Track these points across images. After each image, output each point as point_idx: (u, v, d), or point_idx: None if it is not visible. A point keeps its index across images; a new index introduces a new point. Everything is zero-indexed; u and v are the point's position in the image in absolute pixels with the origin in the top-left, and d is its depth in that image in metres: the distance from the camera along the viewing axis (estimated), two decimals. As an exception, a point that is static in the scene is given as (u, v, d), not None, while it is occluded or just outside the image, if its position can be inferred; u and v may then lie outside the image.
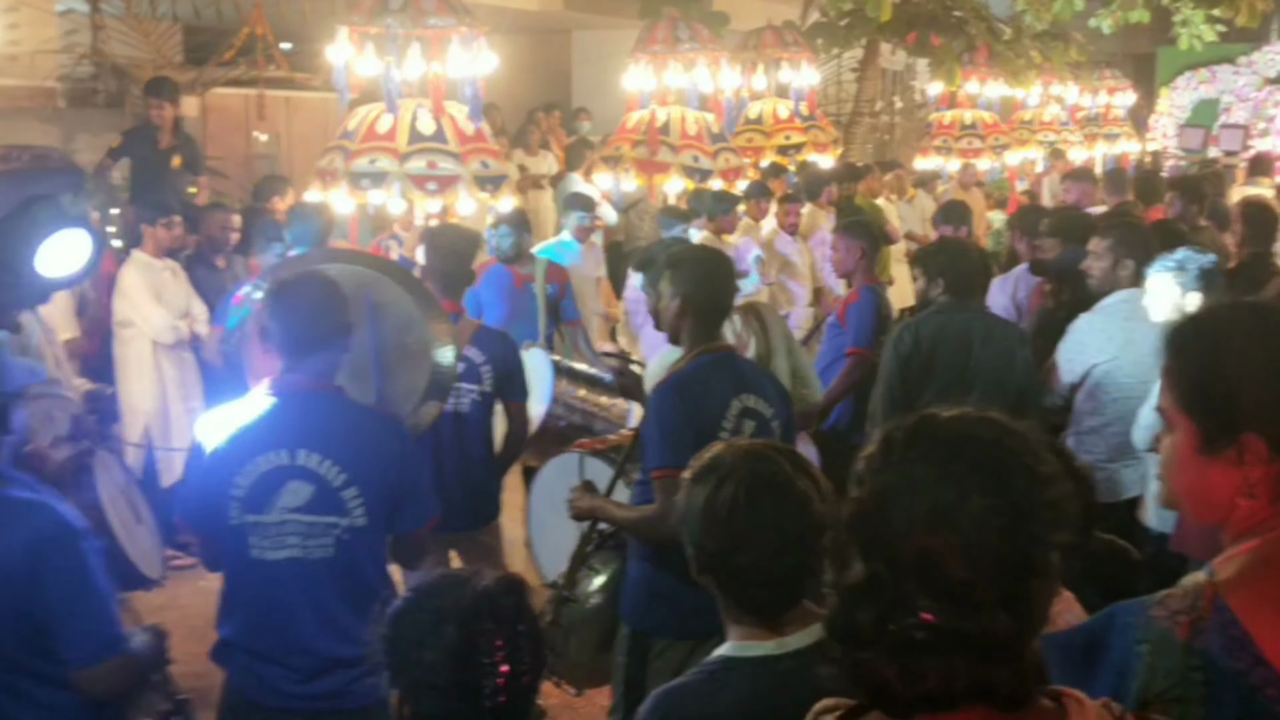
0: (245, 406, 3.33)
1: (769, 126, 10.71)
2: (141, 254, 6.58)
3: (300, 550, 3.14)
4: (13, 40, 8.80)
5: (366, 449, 3.19)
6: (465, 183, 6.22)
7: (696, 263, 3.76)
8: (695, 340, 3.66)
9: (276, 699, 3.22)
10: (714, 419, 3.54)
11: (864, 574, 1.36)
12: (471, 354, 4.57)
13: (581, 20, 14.38)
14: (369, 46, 6.09)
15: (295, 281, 3.31)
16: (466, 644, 1.91)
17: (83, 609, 2.73)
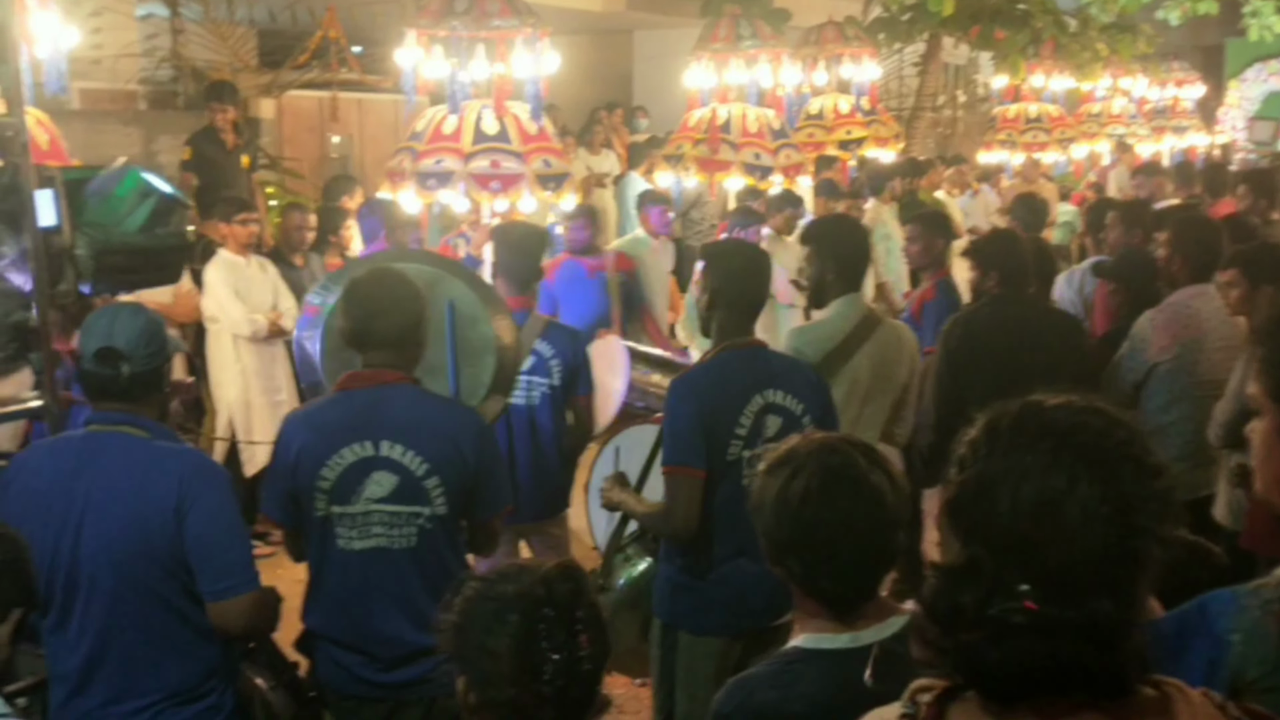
0: (330, 400, 3.40)
1: (830, 122, 10.71)
2: (225, 251, 6.81)
3: (385, 540, 3.22)
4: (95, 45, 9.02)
5: (446, 439, 3.25)
6: (528, 181, 6.33)
7: (729, 257, 3.77)
8: (723, 335, 3.67)
9: (360, 687, 3.30)
10: (728, 416, 3.53)
11: (965, 558, 1.36)
12: (542, 349, 4.68)
13: (643, 20, 14.45)
14: (436, 49, 6.23)
15: (368, 278, 3.38)
16: (527, 631, 1.96)
17: (221, 545, 2.95)
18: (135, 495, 2.91)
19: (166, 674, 2.99)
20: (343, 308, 3.35)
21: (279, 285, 6.94)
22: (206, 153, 8.32)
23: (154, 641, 2.97)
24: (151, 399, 3.00)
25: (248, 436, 6.76)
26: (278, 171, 9.84)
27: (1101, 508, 1.32)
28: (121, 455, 2.94)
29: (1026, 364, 4.62)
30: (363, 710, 3.33)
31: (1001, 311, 4.84)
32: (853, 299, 4.44)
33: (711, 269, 3.70)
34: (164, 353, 3.02)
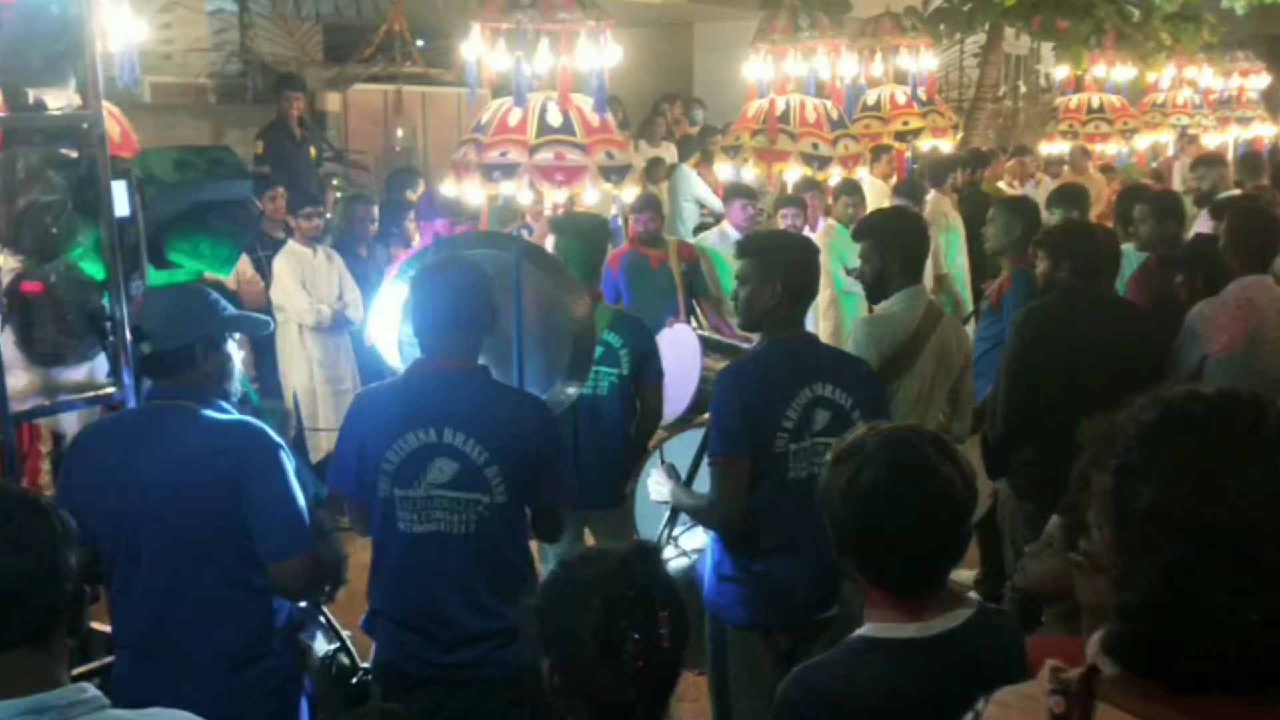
0: (399, 384, 3.43)
1: (886, 112, 10.60)
2: (293, 242, 6.88)
3: (445, 524, 3.23)
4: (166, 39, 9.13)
5: (507, 428, 3.25)
6: (591, 173, 6.31)
7: (780, 250, 3.69)
8: (775, 328, 3.61)
9: (419, 667, 3.31)
10: (776, 408, 3.47)
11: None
12: (611, 338, 4.68)
13: (703, 12, 14.40)
14: (500, 41, 6.22)
15: (440, 265, 3.39)
16: (608, 612, 1.95)
17: (277, 509, 3.03)
18: (192, 466, 2.98)
19: (225, 637, 3.06)
20: (412, 294, 3.36)
21: (344, 276, 6.99)
22: (278, 145, 8.39)
23: (212, 606, 3.04)
24: (192, 376, 3.03)
25: (312, 424, 6.83)
26: (343, 164, 9.90)
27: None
28: (177, 428, 3.01)
29: (1101, 358, 4.52)
30: (420, 689, 3.34)
31: (1075, 303, 4.72)
32: (916, 291, 4.37)
33: (761, 262, 3.63)
34: (192, 333, 3.02)
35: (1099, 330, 4.64)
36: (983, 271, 8.21)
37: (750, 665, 3.57)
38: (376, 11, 10.58)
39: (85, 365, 3.35)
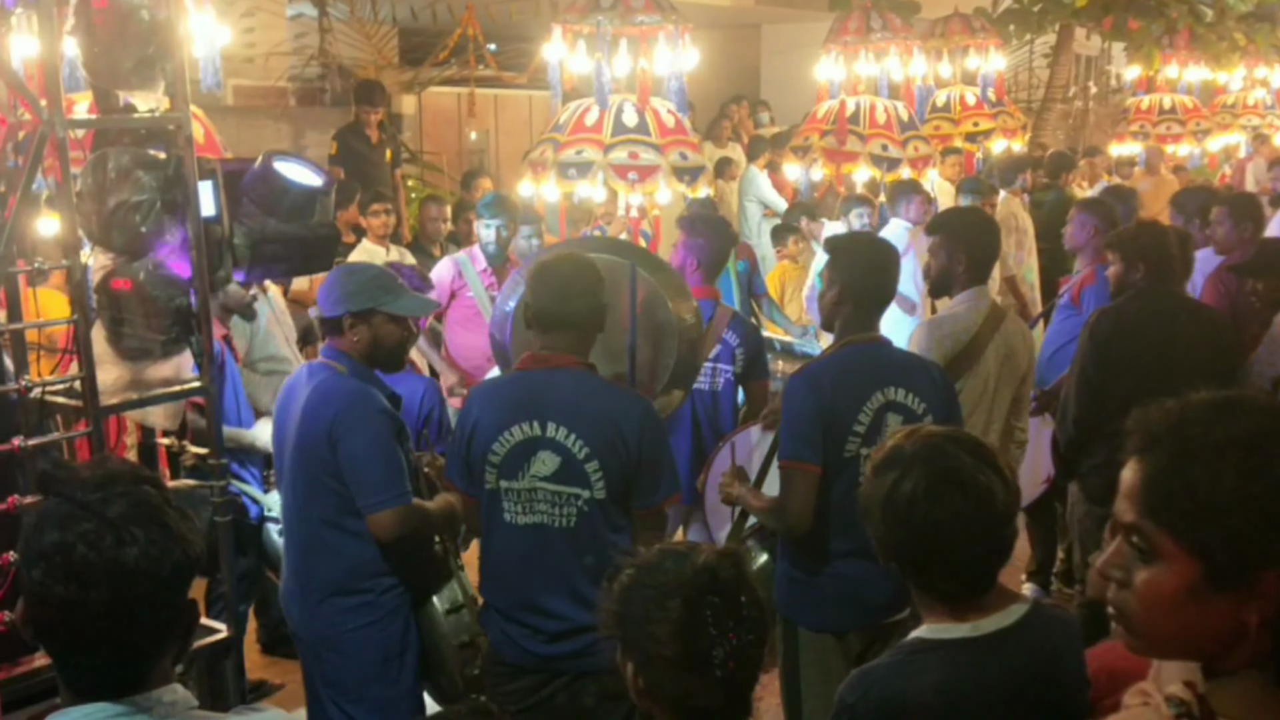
0: (508, 378, 3.51)
1: (956, 114, 10.46)
2: (366, 241, 6.91)
3: (547, 517, 3.26)
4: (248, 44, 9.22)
5: (609, 425, 3.24)
6: (664, 173, 6.28)
7: (856, 251, 3.64)
8: (846, 330, 3.56)
9: (524, 658, 3.35)
10: (847, 412, 3.42)
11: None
12: (729, 338, 4.75)
13: (771, 14, 14.30)
14: (580, 44, 6.23)
15: (553, 262, 3.40)
16: (693, 617, 1.92)
17: (373, 464, 3.41)
18: (307, 417, 3.47)
19: (324, 568, 3.52)
20: (527, 289, 3.40)
21: (416, 273, 7.00)
22: (352, 147, 8.45)
23: (314, 539, 3.52)
24: (340, 342, 3.55)
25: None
26: (418, 165, 9.96)
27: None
28: (311, 383, 3.51)
29: (1173, 361, 4.43)
30: (521, 678, 3.39)
31: (1150, 305, 4.63)
32: (981, 291, 4.32)
33: (838, 263, 3.58)
34: (342, 306, 3.51)
35: (1172, 333, 4.55)
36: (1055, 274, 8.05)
37: (822, 668, 3.52)
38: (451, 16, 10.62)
39: (172, 360, 3.35)
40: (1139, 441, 1.42)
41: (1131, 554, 1.42)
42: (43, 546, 1.54)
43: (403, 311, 3.64)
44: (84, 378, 3.13)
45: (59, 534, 1.53)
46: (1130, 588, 1.42)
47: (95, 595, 1.52)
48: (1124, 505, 1.43)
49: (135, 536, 1.53)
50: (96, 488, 1.56)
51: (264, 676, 5.05)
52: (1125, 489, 1.42)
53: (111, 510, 1.54)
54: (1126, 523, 1.42)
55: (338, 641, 3.56)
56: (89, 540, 1.52)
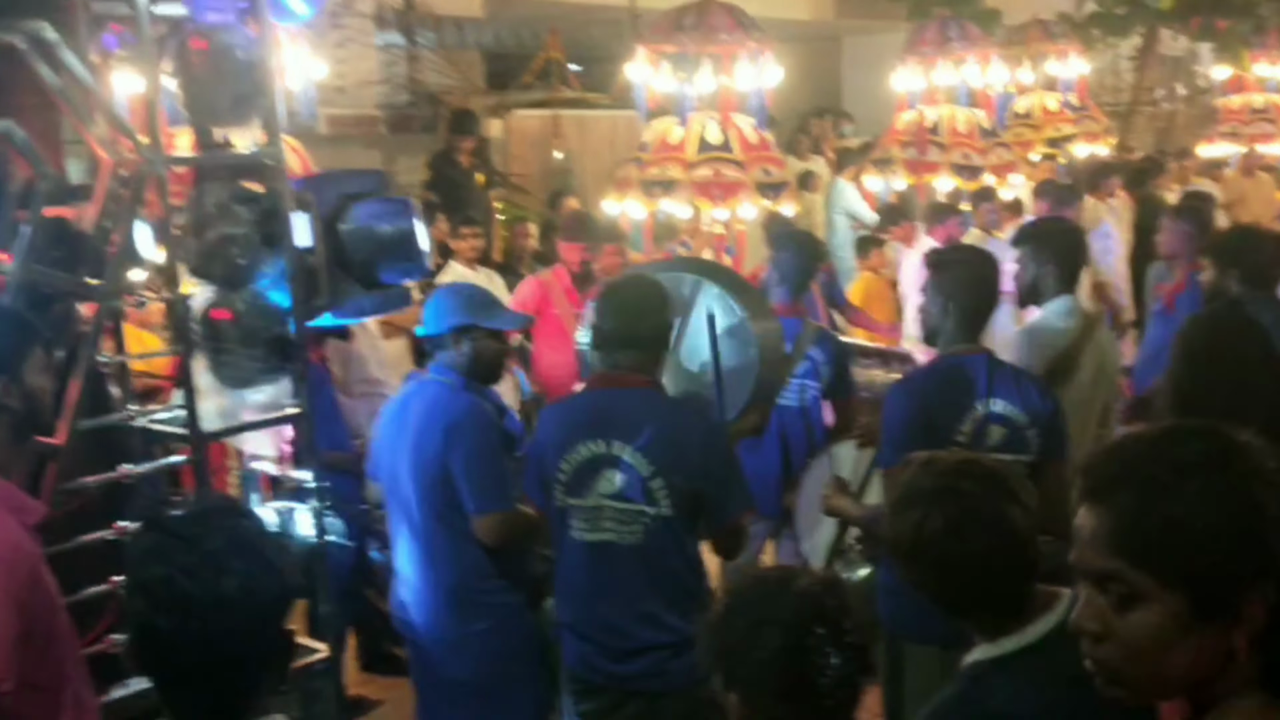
0: (578, 397, 3.57)
1: (1038, 120, 10.27)
2: (455, 263, 6.97)
3: (614, 535, 3.26)
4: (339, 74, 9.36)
5: (674, 443, 3.24)
6: (748, 190, 6.26)
7: (960, 265, 3.60)
8: (949, 341, 3.52)
9: (595, 675, 3.35)
10: (948, 422, 3.37)
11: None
12: (814, 354, 4.69)
13: (851, 26, 14.19)
14: (664, 64, 6.24)
15: (620, 284, 3.46)
16: (796, 647, 1.90)
17: (478, 472, 3.54)
18: (424, 430, 3.61)
19: (446, 574, 3.65)
20: (597, 311, 3.44)
21: (504, 296, 7.02)
22: (444, 173, 8.55)
23: (435, 547, 3.65)
24: (445, 358, 3.70)
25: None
26: (505, 187, 10.04)
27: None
28: (424, 396, 3.70)
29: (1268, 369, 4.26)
30: (594, 696, 3.38)
31: (1242, 313, 4.45)
32: (1072, 300, 4.23)
33: (942, 276, 3.55)
34: (447, 323, 3.67)
35: (1266, 341, 4.38)
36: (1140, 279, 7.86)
37: (927, 681, 3.44)
38: (535, 40, 10.71)
39: (270, 387, 3.41)
40: (1092, 486, 1.38)
41: (1106, 604, 1.37)
42: (145, 579, 1.56)
43: (499, 326, 3.79)
44: (187, 406, 3.20)
45: (160, 567, 1.55)
46: (1111, 639, 1.37)
47: (195, 626, 1.54)
48: (1091, 554, 1.38)
49: (233, 568, 1.55)
50: (195, 521, 1.58)
51: (363, 693, 5.10)
52: (1088, 537, 1.37)
53: (210, 543, 1.56)
54: (1099, 571, 1.37)
55: (461, 644, 3.67)
56: (189, 572, 1.55)
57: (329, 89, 8.01)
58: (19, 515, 2.46)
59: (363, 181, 3.58)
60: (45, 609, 2.45)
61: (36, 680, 2.41)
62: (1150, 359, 5.38)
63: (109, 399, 3.30)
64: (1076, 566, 1.40)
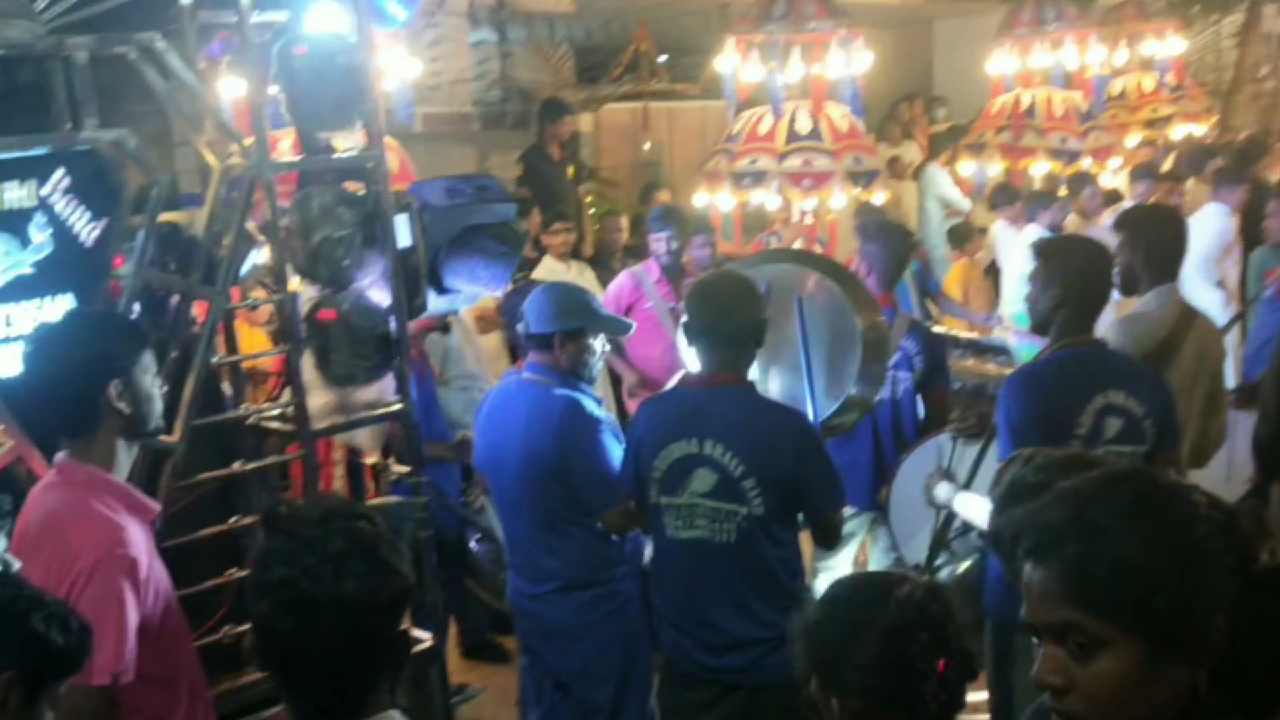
0: (670, 395, 3.57)
1: (1134, 101, 10.01)
2: (548, 258, 7.01)
3: (707, 533, 3.27)
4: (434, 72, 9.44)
5: (764, 442, 3.24)
6: (839, 178, 6.21)
7: (1075, 254, 3.53)
8: (1062, 332, 3.44)
9: (694, 669, 3.37)
10: (1067, 415, 3.31)
11: None
12: (908, 345, 4.66)
13: (944, 9, 13.95)
14: (753, 54, 6.20)
15: (710, 281, 3.45)
16: (898, 654, 1.88)
17: (596, 470, 3.61)
18: (532, 427, 3.66)
19: (563, 564, 3.71)
20: (688, 308, 3.43)
21: (595, 289, 7.04)
22: (537, 168, 8.59)
23: (548, 538, 3.71)
24: (547, 358, 3.72)
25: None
26: (596, 181, 10.06)
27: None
28: (527, 396, 3.73)
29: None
30: (697, 690, 3.40)
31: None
32: (1170, 289, 4.12)
33: (1055, 266, 3.47)
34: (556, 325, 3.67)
35: None
36: (1249, 263, 7.60)
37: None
38: (624, 33, 10.70)
39: (375, 385, 3.48)
40: (1035, 542, 1.39)
41: (1067, 656, 1.38)
42: (269, 581, 1.61)
43: (609, 332, 3.85)
44: (296, 404, 3.28)
45: (283, 569, 1.60)
46: (1075, 690, 1.37)
47: (317, 626, 1.58)
48: (1045, 609, 1.38)
49: (353, 570, 1.59)
50: (317, 524, 1.62)
51: (465, 680, 5.18)
52: (1039, 592, 1.38)
53: (331, 546, 1.60)
54: (1057, 623, 1.37)
55: (582, 631, 3.75)
56: (311, 575, 1.59)
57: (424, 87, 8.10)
58: (136, 513, 2.55)
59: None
60: (160, 602, 2.54)
61: (154, 671, 2.50)
62: (1261, 346, 5.23)
63: (222, 397, 3.39)
64: (1031, 623, 1.41)
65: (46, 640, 1.90)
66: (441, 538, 4.07)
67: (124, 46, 2.94)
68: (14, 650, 1.86)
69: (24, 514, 2.45)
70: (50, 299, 2.92)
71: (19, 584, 2.01)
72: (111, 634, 2.36)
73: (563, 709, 3.85)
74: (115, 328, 2.62)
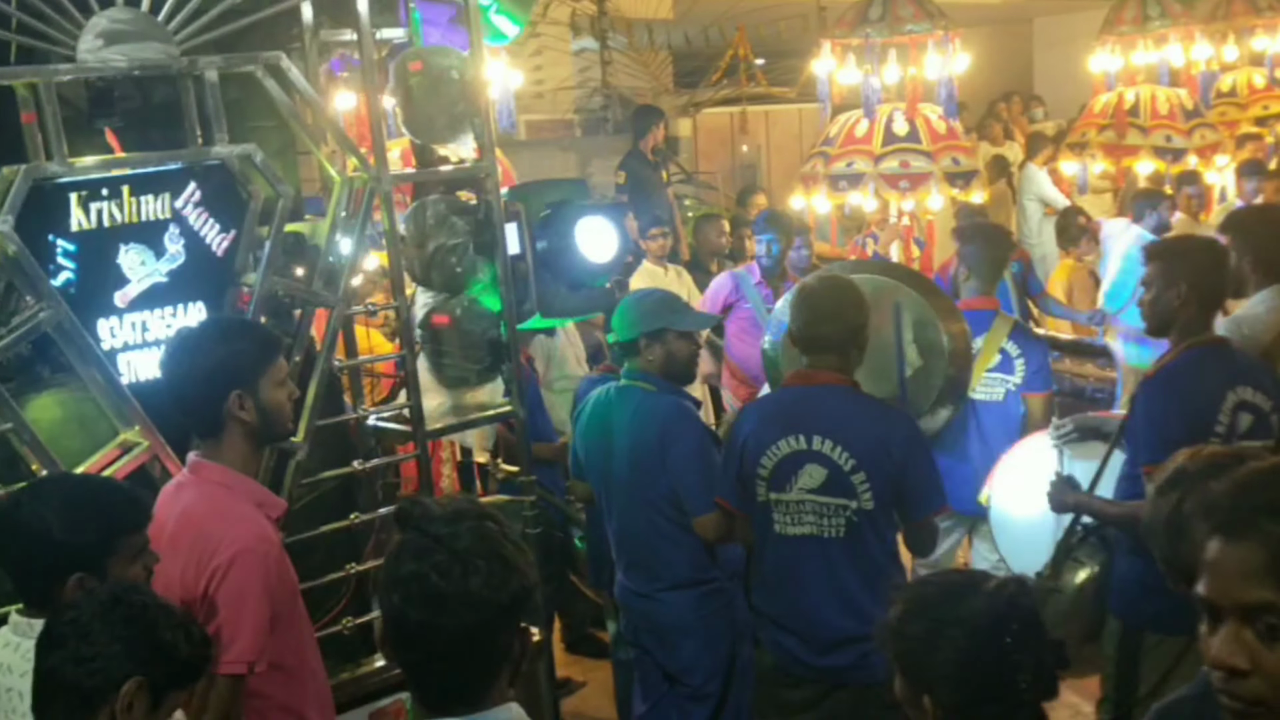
0: (777, 394, 3.62)
1: (1244, 98, 9.70)
2: (646, 262, 7.06)
3: (816, 528, 3.29)
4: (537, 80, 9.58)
5: (873, 438, 3.26)
6: (936, 180, 6.15)
7: (1198, 252, 3.49)
8: (1186, 332, 3.41)
9: (797, 668, 3.38)
10: (1208, 413, 3.27)
11: None
12: (1008, 348, 4.60)
13: (1044, 6, 13.71)
14: (850, 57, 6.18)
15: (816, 285, 3.47)
16: (991, 645, 1.89)
17: (696, 473, 3.65)
18: (636, 432, 3.73)
19: (670, 563, 3.77)
20: (792, 311, 3.45)
21: (693, 291, 7.07)
22: (635, 172, 8.65)
23: (656, 539, 3.76)
24: (637, 362, 3.80)
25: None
26: (694, 185, 10.09)
27: None
28: (631, 402, 3.79)
29: None
30: (800, 689, 3.41)
31: None
32: (1277, 290, 4.01)
33: (1176, 266, 3.43)
34: (635, 329, 3.76)
35: None
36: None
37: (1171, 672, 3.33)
38: (722, 38, 10.72)
39: (487, 387, 3.57)
40: (1229, 519, 1.34)
41: (1254, 637, 1.33)
42: (401, 575, 1.67)
43: (689, 327, 3.87)
44: (412, 405, 3.37)
45: (415, 564, 1.66)
46: (1259, 673, 1.32)
47: (445, 620, 1.64)
48: (1238, 587, 1.33)
49: (479, 568, 1.65)
50: (447, 523, 1.69)
51: (569, 674, 5.25)
52: (1233, 571, 1.33)
53: (460, 543, 1.66)
54: (1248, 604, 1.32)
55: (692, 628, 3.81)
56: (441, 570, 1.65)
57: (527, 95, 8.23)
58: (264, 509, 2.65)
59: (564, 190, 3.71)
60: (288, 595, 2.64)
61: (282, 661, 2.60)
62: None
63: (342, 399, 3.50)
64: (1215, 601, 1.36)
65: (174, 649, 2.02)
66: (547, 535, 4.15)
67: (251, 65, 3.05)
68: (144, 657, 1.98)
69: (158, 512, 2.53)
70: (183, 307, 3.03)
71: (150, 594, 2.12)
72: (248, 625, 2.46)
73: (670, 701, 3.90)
74: (244, 337, 2.66)
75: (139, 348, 2.97)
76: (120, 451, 2.89)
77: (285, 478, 3.07)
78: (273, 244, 3.08)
